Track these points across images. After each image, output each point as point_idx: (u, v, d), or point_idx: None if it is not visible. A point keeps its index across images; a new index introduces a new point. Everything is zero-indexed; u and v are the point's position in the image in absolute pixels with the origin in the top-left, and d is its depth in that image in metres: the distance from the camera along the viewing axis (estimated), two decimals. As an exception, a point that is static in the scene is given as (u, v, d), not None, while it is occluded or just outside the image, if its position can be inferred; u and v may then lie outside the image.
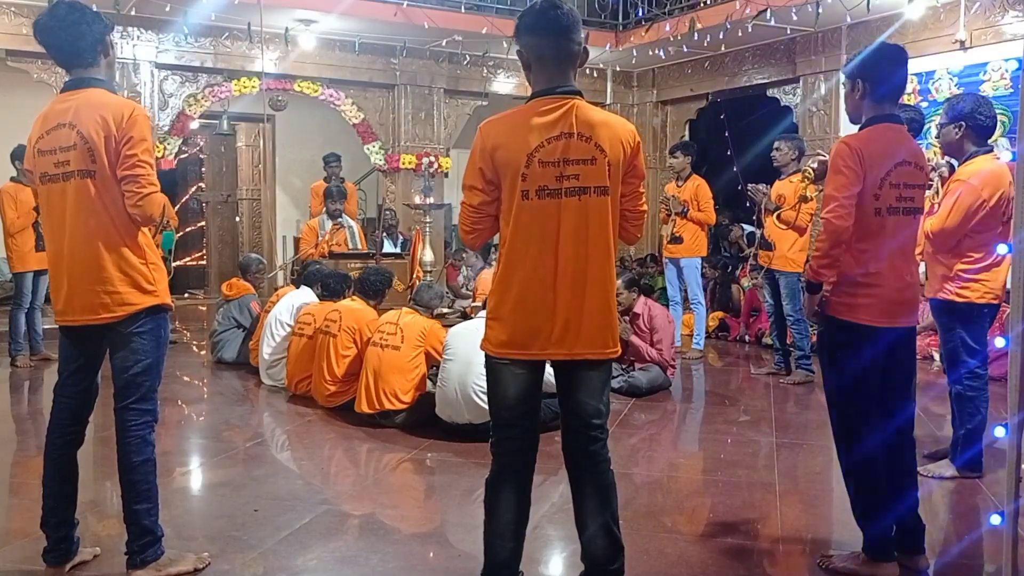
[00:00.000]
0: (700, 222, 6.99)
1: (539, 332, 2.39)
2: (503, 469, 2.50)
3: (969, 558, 3.15)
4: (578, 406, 2.47)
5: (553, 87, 2.40)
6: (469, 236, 2.55)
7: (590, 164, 2.36)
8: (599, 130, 2.37)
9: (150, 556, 2.76)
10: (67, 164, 2.66)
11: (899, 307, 2.86)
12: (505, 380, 2.46)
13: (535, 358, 2.43)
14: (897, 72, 2.88)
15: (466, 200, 2.49)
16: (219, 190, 11.84)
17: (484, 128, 2.44)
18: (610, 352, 2.45)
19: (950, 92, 7.26)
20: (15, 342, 6.58)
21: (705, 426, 5.23)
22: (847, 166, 2.77)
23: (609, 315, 2.43)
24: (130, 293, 2.70)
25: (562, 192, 2.36)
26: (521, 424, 2.49)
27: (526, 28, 2.42)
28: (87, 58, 2.72)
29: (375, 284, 5.43)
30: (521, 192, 2.36)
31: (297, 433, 4.86)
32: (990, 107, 3.76)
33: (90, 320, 2.72)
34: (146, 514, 2.75)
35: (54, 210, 2.73)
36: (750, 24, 7.81)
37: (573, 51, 2.41)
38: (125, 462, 2.75)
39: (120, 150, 2.63)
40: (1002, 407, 2.40)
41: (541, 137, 2.35)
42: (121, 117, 2.63)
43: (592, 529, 2.47)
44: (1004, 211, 3.62)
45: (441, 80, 9.65)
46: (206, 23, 8.05)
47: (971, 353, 3.76)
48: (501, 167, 2.38)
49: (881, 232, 2.82)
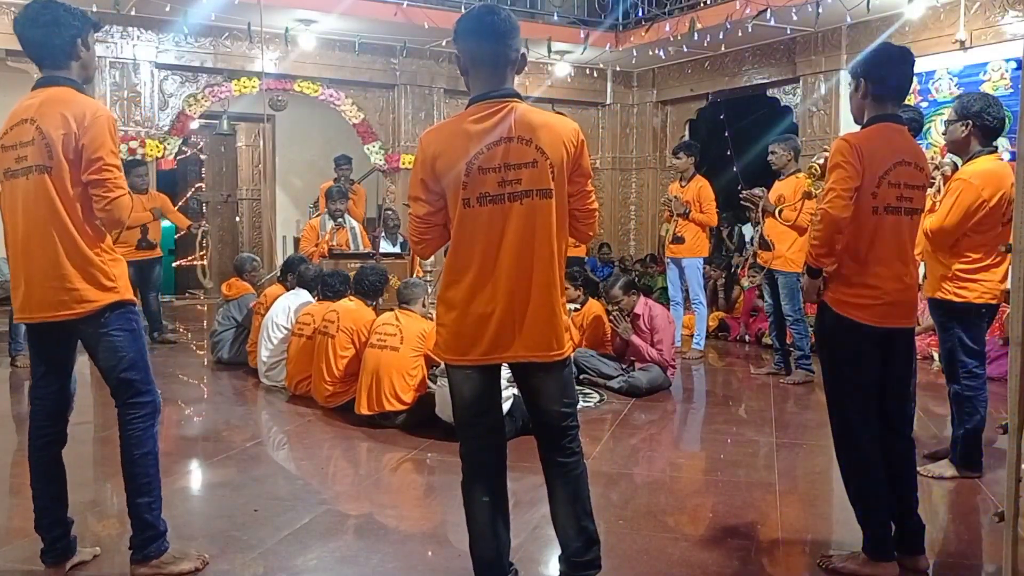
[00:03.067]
0: (701, 223, 6.99)
1: (476, 339, 2.39)
2: (471, 470, 2.52)
3: (969, 558, 3.15)
4: (539, 411, 2.51)
5: (489, 91, 2.39)
6: (418, 247, 2.56)
7: (532, 167, 2.34)
8: (539, 132, 2.35)
9: (153, 551, 2.75)
10: (25, 159, 2.65)
11: (896, 308, 2.86)
12: (458, 381, 2.48)
13: (479, 363, 2.43)
14: (900, 72, 2.88)
15: (412, 212, 2.49)
16: (219, 190, 11.84)
17: (424, 138, 2.45)
18: (555, 354, 2.43)
19: (950, 92, 7.26)
20: (15, 342, 6.58)
21: (705, 426, 5.23)
22: (846, 161, 2.78)
23: (554, 317, 2.42)
24: (88, 290, 2.67)
25: (504, 197, 2.34)
26: (480, 423, 2.50)
27: (463, 32, 2.41)
28: (58, 57, 2.71)
29: (373, 284, 5.40)
30: (462, 200, 2.36)
31: (297, 433, 4.86)
32: (999, 108, 3.74)
33: (49, 317, 2.70)
34: (147, 508, 2.75)
35: (12, 206, 2.72)
36: (750, 24, 7.81)
37: (510, 57, 2.40)
38: (126, 455, 2.77)
39: (81, 151, 2.61)
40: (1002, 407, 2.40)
41: (480, 143, 2.33)
42: (83, 116, 2.61)
43: (562, 520, 2.50)
44: (1004, 212, 3.62)
45: (441, 80, 9.65)
46: (206, 23, 8.05)
47: (969, 353, 3.75)
48: (442, 176, 2.37)
49: (877, 231, 2.81)
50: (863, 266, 2.83)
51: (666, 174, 10.49)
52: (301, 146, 10.97)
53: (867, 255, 2.82)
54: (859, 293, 2.83)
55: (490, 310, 2.38)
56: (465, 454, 2.53)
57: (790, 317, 6.03)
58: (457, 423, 2.56)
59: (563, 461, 2.49)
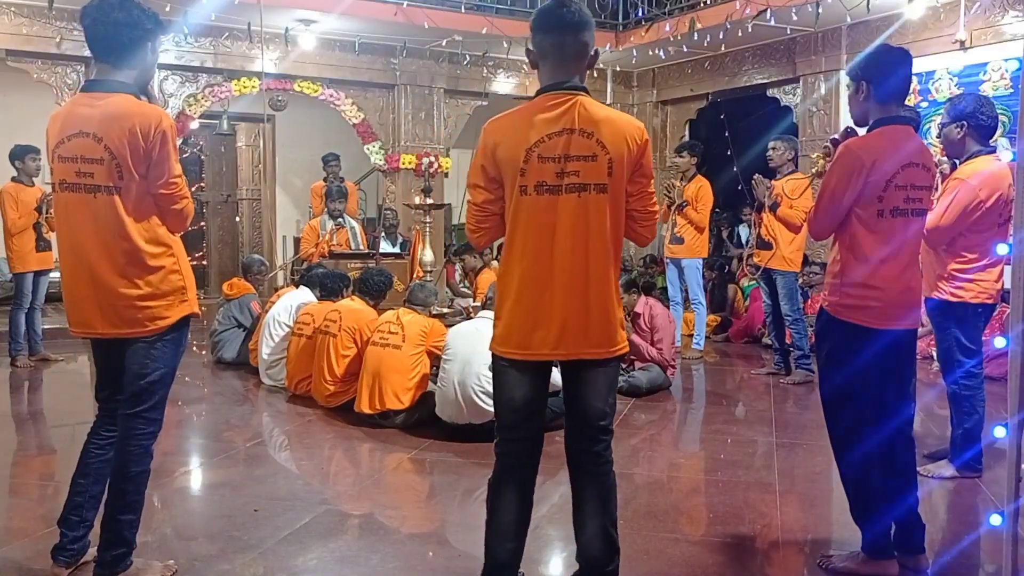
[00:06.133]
0: (692, 221, 6.97)
1: (536, 332, 2.37)
2: (506, 470, 2.49)
3: (969, 558, 3.16)
4: (583, 407, 2.45)
5: (558, 83, 2.38)
6: (475, 235, 2.54)
7: (591, 161, 2.33)
8: (602, 126, 2.34)
9: (121, 568, 2.69)
10: (91, 177, 2.57)
11: (901, 310, 2.84)
12: (510, 383, 2.45)
13: (535, 359, 2.42)
14: (900, 72, 2.87)
15: (471, 199, 2.48)
16: (219, 190, 11.83)
17: (487, 126, 2.43)
18: (616, 350, 2.43)
19: (950, 92, 7.26)
20: (15, 342, 6.57)
21: (705, 426, 5.24)
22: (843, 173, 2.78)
23: (611, 313, 2.41)
24: (162, 307, 2.65)
25: (562, 188, 2.33)
26: (526, 427, 2.48)
27: (535, 26, 2.42)
28: (124, 58, 2.60)
29: (377, 284, 5.43)
30: (519, 188, 2.35)
31: (297, 433, 4.87)
32: (992, 107, 3.75)
33: (116, 334, 2.66)
34: (129, 525, 2.69)
35: (74, 220, 2.62)
36: (750, 24, 7.81)
37: (579, 50, 2.39)
38: (122, 470, 2.67)
39: (149, 162, 2.57)
40: (1002, 407, 2.41)
41: (541, 133, 2.33)
42: (149, 129, 2.54)
43: (591, 530, 2.47)
44: (1001, 213, 3.62)
45: (441, 80, 9.64)
46: (206, 23, 8.04)
47: (966, 353, 3.75)
48: (502, 164, 2.37)
49: (885, 234, 2.80)
50: (868, 267, 2.80)
51: (666, 174, 10.47)
52: (301, 146, 10.97)
53: (874, 257, 2.80)
54: (864, 295, 2.81)
55: (546, 304, 2.36)
56: (502, 454, 2.49)
57: (789, 317, 6.04)
58: (501, 424, 2.51)
59: (595, 471, 2.47)
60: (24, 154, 6.34)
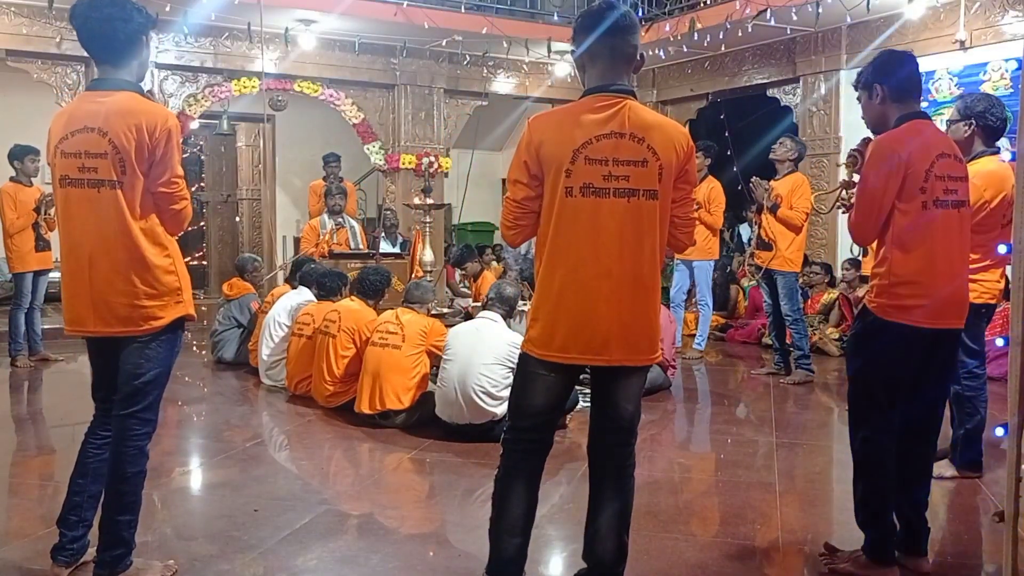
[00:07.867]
0: (707, 224, 6.97)
1: (579, 336, 2.35)
2: (516, 465, 2.49)
3: (969, 558, 3.15)
4: (613, 409, 2.46)
5: (607, 84, 2.36)
6: (511, 232, 2.48)
7: (641, 166, 2.31)
8: (652, 132, 2.32)
9: (120, 568, 2.68)
10: (95, 171, 2.57)
11: (949, 307, 2.79)
12: (538, 389, 2.44)
13: (575, 363, 2.40)
14: (909, 68, 2.87)
15: (510, 195, 2.44)
16: (219, 190, 11.84)
17: (532, 122, 2.40)
18: (653, 358, 2.44)
19: (950, 92, 7.27)
20: (15, 342, 6.58)
21: (705, 426, 5.24)
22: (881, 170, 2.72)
23: (654, 321, 2.41)
24: (157, 307, 2.64)
25: (609, 192, 2.31)
26: (542, 428, 2.49)
27: (582, 28, 2.40)
28: (122, 54, 2.60)
29: (374, 284, 5.41)
30: (564, 189, 2.32)
31: (297, 433, 4.86)
32: (1002, 109, 3.73)
33: (109, 332, 2.65)
34: (127, 526, 2.68)
35: (75, 216, 2.62)
36: (750, 24, 7.81)
37: (628, 52, 2.38)
38: (118, 471, 2.66)
39: (152, 160, 2.58)
40: (1002, 407, 2.40)
41: (590, 134, 2.31)
42: (154, 126, 2.55)
43: (604, 532, 2.47)
44: (1005, 214, 3.61)
45: (441, 80, 9.64)
46: (206, 23, 8.04)
47: (968, 353, 3.74)
48: (546, 162, 2.34)
49: (931, 226, 2.74)
50: (915, 264, 2.74)
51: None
52: (301, 146, 10.97)
53: (921, 252, 2.74)
54: (912, 292, 2.74)
55: (590, 309, 2.33)
56: (513, 451, 2.49)
57: (789, 317, 6.03)
58: (516, 422, 2.50)
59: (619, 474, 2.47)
60: (23, 154, 6.34)
